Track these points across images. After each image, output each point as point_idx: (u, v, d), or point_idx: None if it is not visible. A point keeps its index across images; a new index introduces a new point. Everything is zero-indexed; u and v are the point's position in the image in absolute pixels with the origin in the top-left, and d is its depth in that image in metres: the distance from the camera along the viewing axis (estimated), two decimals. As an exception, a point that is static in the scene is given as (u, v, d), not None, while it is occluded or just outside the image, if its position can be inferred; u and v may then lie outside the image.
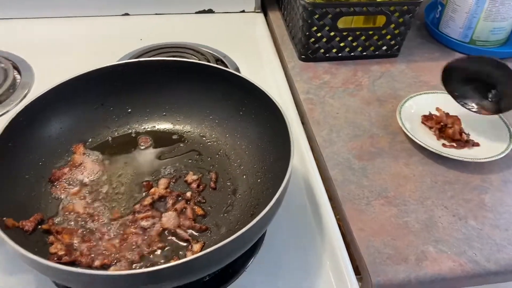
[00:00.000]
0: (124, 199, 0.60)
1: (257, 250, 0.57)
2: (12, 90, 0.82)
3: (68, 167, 0.62)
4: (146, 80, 0.68)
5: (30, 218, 0.54)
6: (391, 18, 0.87)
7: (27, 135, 0.59)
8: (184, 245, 0.54)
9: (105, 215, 0.57)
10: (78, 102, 0.65)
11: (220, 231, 0.56)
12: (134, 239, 0.54)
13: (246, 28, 1.03)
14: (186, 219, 0.57)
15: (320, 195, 0.64)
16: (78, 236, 0.54)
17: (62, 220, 0.56)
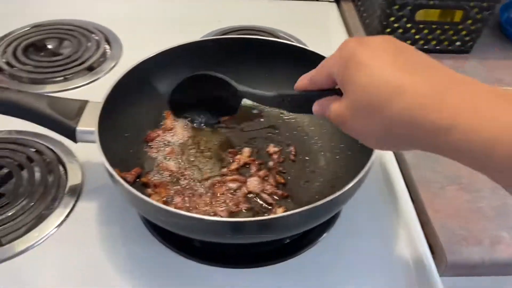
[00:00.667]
0: (211, 163, 0.64)
1: (331, 225, 0.60)
2: (103, 59, 0.88)
3: (161, 130, 0.68)
4: (232, 56, 0.72)
5: (131, 171, 0.60)
6: (469, 14, 0.88)
7: (128, 97, 0.64)
8: (267, 208, 0.58)
9: (195, 175, 0.62)
10: (171, 72, 0.69)
11: (300, 200, 0.60)
12: (223, 198, 0.59)
13: (319, 16, 1.06)
14: (268, 185, 0.61)
15: (395, 177, 0.66)
16: (173, 190, 0.59)
17: (158, 177, 0.61)
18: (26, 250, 0.55)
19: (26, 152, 0.65)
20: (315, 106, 0.45)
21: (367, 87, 0.36)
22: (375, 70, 0.36)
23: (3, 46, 0.88)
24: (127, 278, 0.53)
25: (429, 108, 0.33)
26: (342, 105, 0.40)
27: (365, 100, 0.36)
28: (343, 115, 0.40)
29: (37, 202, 0.59)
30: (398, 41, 0.39)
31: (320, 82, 0.43)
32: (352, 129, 0.40)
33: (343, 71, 0.38)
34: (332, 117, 0.42)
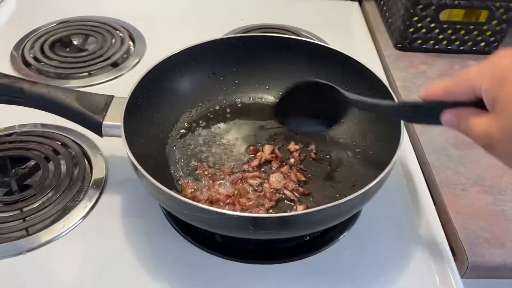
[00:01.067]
0: (232, 159, 0.65)
1: (352, 224, 0.60)
2: (126, 56, 0.89)
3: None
4: (255, 54, 0.72)
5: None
6: (494, 14, 0.86)
7: (151, 93, 0.65)
8: (289, 205, 0.59)
9: (217, 171, 0.63)
10: (194, 69, 0.71)
11: (321, 198, 0.60)
12: (245, 194, 0.59)
13: (342, 15, 1.06)
14: (290, 182, 0.61)
15: (417, 177, 0.66)
16: (196, 186, 0.60)
17: (181, 173, 0.63)
18: (52, 241, 0.56)
19: (52, 145, 0.67)
20: (447, 116, 0.41)
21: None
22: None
23: (31, 41, 0.90)
24: (149, 270, 0.54)
25: None
26: (491, 124, 0.37)
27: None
28: (493, 136, 0.37)
29: (62, 194, 0.60)
30: None
31: (459, 95, 0.40)
32: (503, 153, 0.37)
33: (496, 89, 0.36)
34: (475, 134, 0.39)
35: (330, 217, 0.51)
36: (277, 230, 0.48)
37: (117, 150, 0.66)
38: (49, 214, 0.58)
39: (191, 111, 0.71)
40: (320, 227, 0.55)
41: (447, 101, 0.41)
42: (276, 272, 0.54)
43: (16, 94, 0.58)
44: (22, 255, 0.54)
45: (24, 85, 0.58)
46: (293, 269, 0.55)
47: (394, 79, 0.84)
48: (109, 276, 0.54)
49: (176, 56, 0.67)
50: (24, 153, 0.65)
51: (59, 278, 0.53)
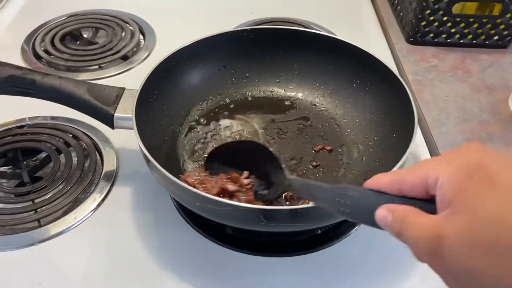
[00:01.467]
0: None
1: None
2: (137, 49, 0.89)
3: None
4: (265, 47, 0.72)
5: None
6: (508, 7, 0.85)
7: (162, 86, 0.65)
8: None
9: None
10: (205, 62, 0.70)
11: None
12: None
13: (352, 8, 1.05)
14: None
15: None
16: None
17: (191, 166, 0.62)
18: (63, 232, 0.56)
19: (63, 137, 0.67)
20: (381, 211, 0.33)
21: (501, 218, 0.26)
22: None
23: (42, 34, 0.90)
24: (160, 262, 0.54)
25: None
26: (443, 225, 0.29)
27: (500, 235, 0.26)
28: (444, 241, 0.28)
29: (73, 186, 0.60)
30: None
31: (408, 185, 0.33)
32: (454, 267, 0.28)
33: (460, 182, 0.29)
34: (416, 237, 0.30)
35: None
36: (289, 222, 0.48)
37: (128, 142, 0.66)
38: (60, 206, 0.58)
39: (201, 104, 0.71)
40: (333, 221, 0.54)
41: (393, 193, 0.34)
42: (286, 265, 0.54)
43: (28, 85, 0.58)
44: (35, 246, 0.55)
45: (36, 77, 0.58)
46: (304, 262, 0.54)
47: (405, 73, 0.83)
48: (119, 268, 0.54)
49: (187, 48, 0.67)
50: (36, 145, 0.65)
51: (70, 269, 0.54)
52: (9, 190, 0.61)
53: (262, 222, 0.45)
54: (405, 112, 0.58)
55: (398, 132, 0.61)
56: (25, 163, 0.64)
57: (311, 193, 0.45)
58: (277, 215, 0.46)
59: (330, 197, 0.39)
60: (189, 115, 0.69)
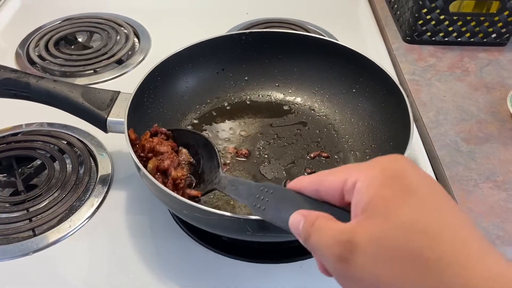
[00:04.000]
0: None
1: None
2: (132, 53, 0.89)
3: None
4: (265, 51, 0.71)
5: None
6: (506, 5, 0.84)
7: (158, 89, 0.65)
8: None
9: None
10: (203, 65, 0.70)
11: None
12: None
13: (348, 8, 1.04)
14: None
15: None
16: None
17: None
18: (58, 241, 0.56)
19: (57, 144, 0.66)
20: (296, 216, 0.33)
21: (414, 225, 0.26)
22: (438, 208, 0.27)
23: (35, 39, 0.90)
24: (155, 269, 0.54)
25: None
26: (355, 230, 0.28)
27: (410, 242, 0.26)
28: (356, 247, 0.27)
29: (68, 193, 0.60)
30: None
31: (327, 188, 0.32)
32: (359, 271, 0.27)
33: (377, 189, 0.28)
34: (326, 242, 0.29)
35: None
36: (276, 233, 0.46)
37: (122, 146, 0.66)
38: (55, 214, 0.57)
39: (198, 108, 0.70)
40: None
41: (310, 195, 0.33)
42: (283, 272, 0.54)
43: (23, 88, 0.58)
44: (29, 256, 0.54)
45: (30, 80, 0.57)
46: (300, 269, 0.54)
47: (403, 73, 0.83)
48: (115, 275, 0.53)
49: (184, 52, 0.66)
50: (30, 153, 0.65)
51: (66, 278, 0.53)
52: (3, 199, 0.60)
53: (249, 231, 0.45)
54: (403, 121, 0.57)
55: (395, 140, 0.60)
56: (20, 171, 0.63)
57: (235, 188, 0.44)
58: (264, 225, 0.44)
59: (252, 193, 0.39)
60: (185, 118, 0.69)
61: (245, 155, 0.64)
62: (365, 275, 0.27)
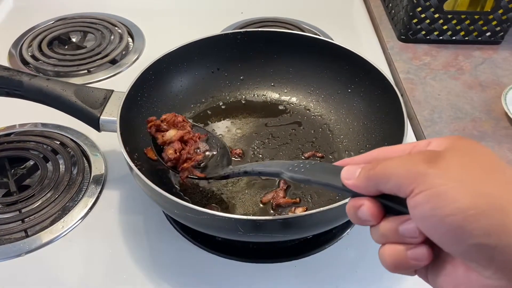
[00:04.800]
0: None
1: (352, 225, 0.59)
2: (125, 52, 0.88)
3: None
4: (260, 50, 0.71)
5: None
6: (500, 3, 0.84)
7: (152, 88, 0.64)
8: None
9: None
10: (198, 64, 0.69)
11: (321, 200, 0.58)
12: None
13: (343, 6, 1.04)
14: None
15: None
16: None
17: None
18: (51, 242, 0.55)
19: (50, 144, 0.66)
20: (349, 167, 0.31)
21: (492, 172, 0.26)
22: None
23: (29, 39, 0.89)
24: (149, 269, 0.53)
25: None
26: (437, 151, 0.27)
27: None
28: (438, 154, 0.27)
29: (62, 194, 0.59)
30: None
31: (392, 153, 0.31)
32: (449, 171, 0.26)
33: (453, 141, 0.28)
34: (411, 158, 0.28)
35: (327, 220, 0.49)
36: (267, 233, 0.46)
37: (116, 146, 0.64)
38: (48, 215, 0.57)
39: (193, 107, 0.70)
40: (316, 231, 0.52)
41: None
42: (277, 271, 0.53)
43: (15, 86, 0.57)
44: (21, 257, 0.54)
45: (23, 78, 0.57)
46: (295, 268, 0.54)
47: (397, 71, 0.83)
48: (109, 276, 0.53)
49: (179, 51, 0.66)
50: (23, 154, 0.64)
51: (59, 279, 0.53)
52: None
53: (240, 231, 0.44)
54: (397, 121, 0.57)
55: (390, 140, 0.60)
56: (12, 171, 0.63)
57: (263, 165, 0.44)
58: (256, 225, 0.44)
59: (285, 164, 0.39)
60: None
61: (239, 154, 0.63)
62: (453, 175, 0.26)
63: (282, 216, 0.45)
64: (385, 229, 0.29)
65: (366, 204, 0.29)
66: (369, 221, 0.30)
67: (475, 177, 0.25)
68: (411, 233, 0.28)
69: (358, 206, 0.30)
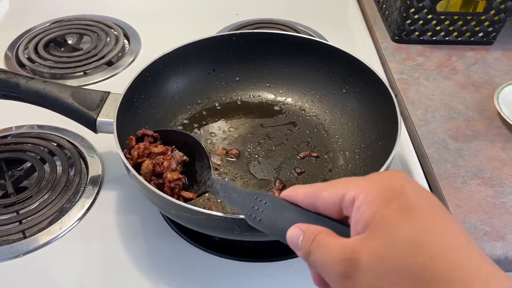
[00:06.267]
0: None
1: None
2: (121, 54, 0.89)
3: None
4: (256, 51, 0.72)
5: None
6: (492, 4, 0.85)
7: (148, 90, 0.65)
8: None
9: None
10: (194, 66, 0.70)
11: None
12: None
13: (337, 8, 1.05)
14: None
15: (416, 171, 0.65)
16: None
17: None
18: (49, 243, 0.56)
19: (48, 146, 0.66)
20: (294, 230, 0.32)
21: (415, 245, 0.26)
22: (438, 228, 0.27)
23: (25, 42, 0.89)
24: (147, 269, 0.54)
25: None
26: (360, 249, 0.27)
27: (411, 263, 0.25)
28: (359, 262, 0.27)
29: (59, 195, 0.60)
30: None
31: (322, 201, 0.32)
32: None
33: (378, 207, 0.28)
34: (329, 257, 0.29)
35: None
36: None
37: (113, 148, 0.65)
38: (45, 216, 0.57)
39: (189, 108, 0.71)
40: None
41: (306, 208, 0.33)
42: (273, 270, 0.54)
43: (12, 89, 0.58)
44: (19, 258, 0.54)
45: (20, 80, 0.57)
46: (291, 267, 0.54)
47: (391, 72, 0.83)
48: (107, 276, 0.53)
49: (175, 52, 0.66)
50: (20, 155, 0.64)
51: (57, 280, 0.53)
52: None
53: (236, 231, 0.45)
54: (391, 121, 0.57)
55: (384, 140, 0.60)
56: (10, 173, 0.63)
57: (229, 195, 0.43)
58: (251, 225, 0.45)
59: (246, 202, 0.38)
60: (176, 119, 0.69)
61: (235, 155, 0.64)
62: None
63: None
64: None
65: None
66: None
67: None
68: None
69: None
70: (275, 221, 0.35)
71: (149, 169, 0.54)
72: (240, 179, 0.61)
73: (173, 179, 0.54)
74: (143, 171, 0.54)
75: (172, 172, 0.54)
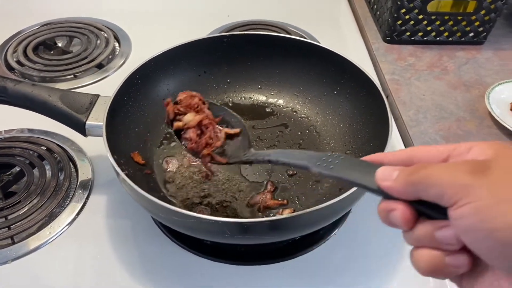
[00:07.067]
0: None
1: (342, 223, 0.59)
2: (112, 57, 0.88)
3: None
4: (247, 53, 0.71)
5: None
6: (482, 4, 0.86)
7: (138, 92, 0.64)
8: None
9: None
10: (184, 68, 0.69)
11: (309, 201, 0.59)
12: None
13: (329, 9, 1.05)
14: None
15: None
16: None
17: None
18: (38, 248, 0.55)
19: (37, 150, 0.65)
20: (385, 168, 0.30)
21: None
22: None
23: (14, 45, 0.89)
24: (138, 274, 0.53)
25: None
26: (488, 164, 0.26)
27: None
28: (486, 164, 0.26)
29: (48, 200, 0.59)
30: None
31: (427, 155, 0.30)
32: (497, 181, 0.25)
33: (497, 148, 0.28)
34: (457, 167, 0.27)
35: (314, 221, 0.49)
36: (256, 235, 0.47)
37: (103, 151, 0.64)
38: (34, 221, 0.57)
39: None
40: (303, 232, 0.52)
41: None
42: (266, 273, 0.54)
43: (0, 93, 0.57)
44: (8, 264, 0.53)
45: (8, 84, 0.57)
46: (283, 270, 0.54)
47: (383, 72, 0.84)
48: (98, 281, 0.53)
49: (165, 54, 0.66)
50: (8, 160, 0.64)
51: (46, 286, 0.52)
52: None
53: (227, 234, 0.44)
54: (383, 121, 0.57)
55: (375, 141, 0.60)
56: (-2, 178, 0.62)
57: (287, 155, 0.41)
58: (243, 228, 0.45)
59: (313, 157, 0.36)
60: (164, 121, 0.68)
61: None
62: (502, 191, 0.25)
63: (268, 218, 0.45)
64: (419, 234, 0.28)
65: (400, 209, 0.28)
66: (400, 226, 0.29)
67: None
68: (449, 240, 0.27)
69: (391, 210, 0.29)
70: (354, 169, 0.32)
71: (197, 118, 0.53)
72: (232, 182, 0.61)
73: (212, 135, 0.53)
74: (186, 119, 0.53)
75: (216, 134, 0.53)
